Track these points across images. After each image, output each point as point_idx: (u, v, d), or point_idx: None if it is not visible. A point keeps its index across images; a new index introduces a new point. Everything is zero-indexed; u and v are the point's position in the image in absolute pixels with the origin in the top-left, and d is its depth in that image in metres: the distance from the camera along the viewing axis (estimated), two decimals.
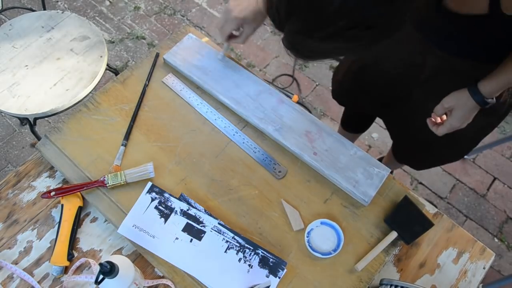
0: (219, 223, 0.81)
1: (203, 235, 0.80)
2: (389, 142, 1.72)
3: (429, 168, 1.32)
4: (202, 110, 0.93)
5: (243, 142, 0.90)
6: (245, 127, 0.92)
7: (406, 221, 0.82)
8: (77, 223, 0.83)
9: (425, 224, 0.82)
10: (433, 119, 0.91)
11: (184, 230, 0.80)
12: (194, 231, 0.80)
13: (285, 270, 0.78)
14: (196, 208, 0.83)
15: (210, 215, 0.82)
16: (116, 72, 1.54)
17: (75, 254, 0.81)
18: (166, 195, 0.83)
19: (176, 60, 0.97)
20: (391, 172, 1.76)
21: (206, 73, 0.95)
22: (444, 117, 0.90)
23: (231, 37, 0.89)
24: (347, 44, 0.49)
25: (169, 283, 0.77)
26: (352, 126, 1.59)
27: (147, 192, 0.83)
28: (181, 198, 0.83)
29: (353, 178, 0.85)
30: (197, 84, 0.96)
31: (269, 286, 0.77)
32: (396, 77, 1.04)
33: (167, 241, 0.79)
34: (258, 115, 0.91)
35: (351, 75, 1.19)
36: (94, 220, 0.85)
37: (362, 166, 0.86)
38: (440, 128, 0.89)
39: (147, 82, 0.96)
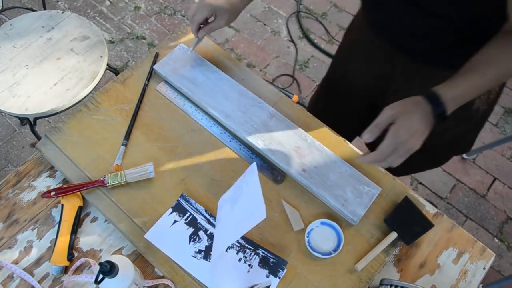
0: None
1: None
2: None
3: (408, 175, 1.30)
4: (197, 117, 0.93)
5: (239, 149, 0.90)
6: None
7: (406, 222, 0.82)
8: (77, 223, 0.83)
9: (425, 225, 0.82)
10: (367, 138, 0.71)
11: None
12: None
13: (285, 270, 0.78)
14: (196, 209, 0.82)
15: (211, 215, 0.82)
16: (116, 72, 1.54)
17: (75, 254, 0.81)
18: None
19: (167, 71, 0.95)
20: None
21: (197, 84, 0.94)
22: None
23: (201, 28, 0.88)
24: None
25: (169, 283, 0.77)
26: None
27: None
28: (182, 198, 0.83)
29: (342, 197, 0.83)
30: (186, 96, 0.94)
31: (269, 286, 0.77)
32: (366, 89, 1.02)
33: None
34: (247, 129, 0.89)
35: (323, 92, 1.19)
36: (94, 220, 0.85)
37: (352, 184, 0.84)
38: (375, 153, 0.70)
39: (147, 82, 0.96)
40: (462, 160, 1.92)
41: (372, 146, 0.74)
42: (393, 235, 0.81)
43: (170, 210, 0.82)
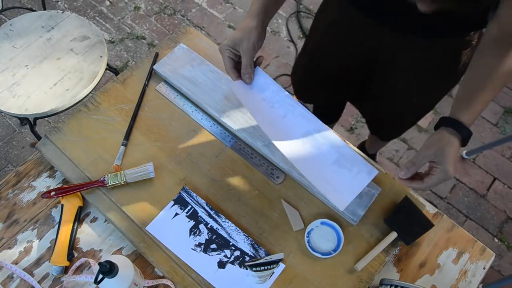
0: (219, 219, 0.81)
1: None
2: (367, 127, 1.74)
3: (400, 135, 1.50)
4: (197, 117, 0.93)
5: (239, 149, 0.90)
6: None
7: (406, 222, 0.82)
8: (77, 223, 0.83)
9: (425, 225, 0.82)
10: (403, 175, 0.75)
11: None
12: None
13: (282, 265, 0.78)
14: (197, 202, 0.83)
15: (211, 208, 0.82)
16: (116, 72, 1.54)
17: (75, 254, 0.81)
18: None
19: (166, 71, 0.95)
20: (374, 155, 1.81)
21: (196, 84, 0.94)
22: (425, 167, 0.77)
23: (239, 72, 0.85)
24: None
25: (169, 283, 0.77)
26: (323, 117, 1.61)
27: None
28: (183, 191, 0.83)
29: None
30: (186, 96, 0.95)
31: (281, 258, 0.78)
32: (354, 62, 1.07)
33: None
34: (247, 129, 0.89)
35: (309, 70, 1.22)
36: (94, 220, 0.85)
37: None
38: (426, 181, 0.74)
39: (147, 82, 0.96)
40: (462, 160, 1.92)
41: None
42: (393, 235, 0.81)
43: (172, 202, 0.83)
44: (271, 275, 0.78)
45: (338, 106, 1.56)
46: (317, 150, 0.80)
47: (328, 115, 1.61)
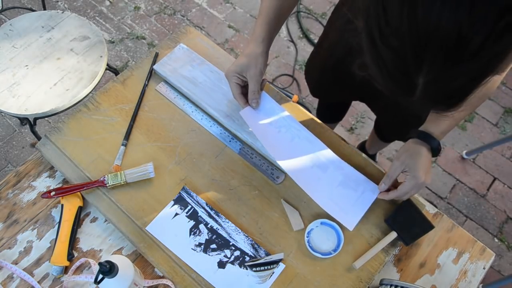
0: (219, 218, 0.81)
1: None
2: (367, 127, 1.73)
3: (403, 140, 1.44)
4: (197, 117, 0.93)
5: (240, 148, 0.90)
6: None
7: (406, 222, 0.82)
8: (77, 223, 0.83)
9: (426, 226, 0.82)
10: (382, 188, 0.83)
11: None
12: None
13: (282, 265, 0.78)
14: (197, 202, 0.83)
15: (211, 208, 0.82)
16: (116, 72, 1.54)
17: (75, 254, 0.81)
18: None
19: (166, 71, 0.95)
20: (374, 156, 1.81)
21: (196, 84, 0.94)
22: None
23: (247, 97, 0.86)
24: (502, 46, 0.40)
25: (169, 283, 0.77)
26: (330, 116, 1.61)
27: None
28: (183, 191, 0.83)
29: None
30: (186, 96, 0.95)
31: (281, 258, 0.78)
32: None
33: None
34: (247, 129, 0.89)
35: (330, 71, 1.20)
36: (94, 220, 0.85)
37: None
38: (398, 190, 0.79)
39: (147, 82, 0.96)
40: (462, 160, 1.92)
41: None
42: (393, 234, 0.81)
43: (172, 202, 0.83)
44: (271, 275, 0.78)
45: (345, 105, 1.55)
46: (324, 173, 0.85)
47: (334, 114, 1.61)
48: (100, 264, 0.63)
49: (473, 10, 0.37)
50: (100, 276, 0.64)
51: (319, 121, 0.95)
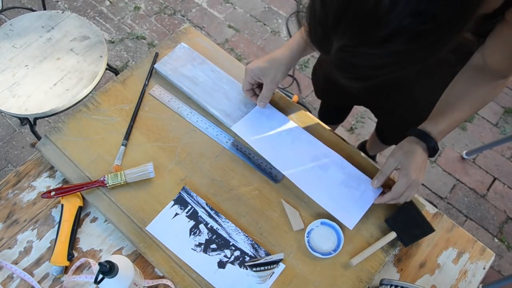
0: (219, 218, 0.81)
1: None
2: (367, 127, 1.73)
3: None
4: (192, 119, 0.92)
5: (237, 149, 0.90)
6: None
7: (407, 223, 0.81)
8: (77, 223, 0.83)
9: (426, 228, 0.81)
10: (375, 184, 0.82)
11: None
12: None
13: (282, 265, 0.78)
14: (197, 202, 0.83)
15: (211, 208, 0.82)
16: (116, 72, 1.54)
17: (75, 254, 0.81)
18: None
19: (167, 70, 0.95)
20: (374, 156, 1.80)
21: (197, 83, 0.94)
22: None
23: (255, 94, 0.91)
24: (408, 45, 0.43)
25: (169, 283, 0.77)
26: (332, 118, 1.61)
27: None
28: (183, 191, 0.83)
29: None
30: (186, 95, 0.94)
31: (281, 259, 0.78)
32: None
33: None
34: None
35: (330, 74, 1.19)
36: (94, 220, 0.85)
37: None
38: (392, 192, 0.79)
39: (147, 82, 0.96)
40: (462, 160, 1.92)
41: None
42: (392, 235, 0.81)
43: (172, 202, 0.83)
44: (271, 275, 0.78)
45: (348, 108, 1.54)
46: (325, 173, 0.86)
47: (337, 116, 1.60)
48: (100, 264, 0.63)
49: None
50: (100, 276, 0.64)
51: (319, 121, 0.95)
